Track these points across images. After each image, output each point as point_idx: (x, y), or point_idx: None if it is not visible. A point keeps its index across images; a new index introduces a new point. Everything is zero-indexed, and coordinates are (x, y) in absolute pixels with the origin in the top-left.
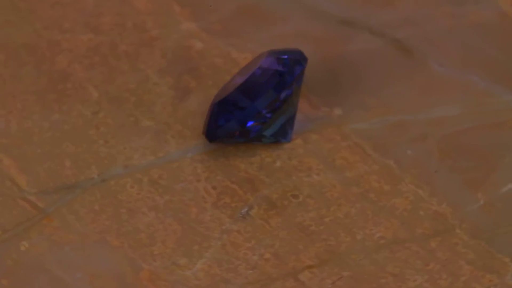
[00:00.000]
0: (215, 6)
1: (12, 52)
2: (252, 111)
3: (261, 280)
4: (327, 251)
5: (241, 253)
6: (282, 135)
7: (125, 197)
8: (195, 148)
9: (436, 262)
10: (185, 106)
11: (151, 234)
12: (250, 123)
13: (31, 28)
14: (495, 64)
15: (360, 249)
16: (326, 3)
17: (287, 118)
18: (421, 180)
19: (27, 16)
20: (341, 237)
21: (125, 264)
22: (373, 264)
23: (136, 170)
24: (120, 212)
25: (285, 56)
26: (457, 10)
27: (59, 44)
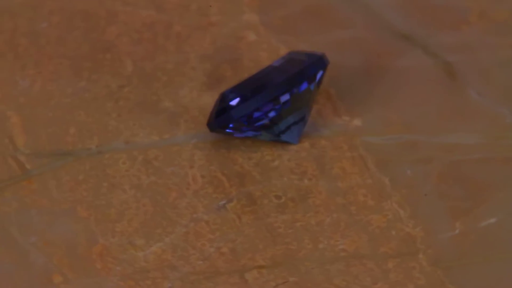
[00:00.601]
0: (285, 2)
1: (68, 16)
2: (250, 105)
3: (206, 272)
4: (284, 255)
5: (199, 243)
6: (288, 135)
7: (113, 171)
8: (202, 135)
9: (385, 282)
10: (212, 94)
11: (122, 211)
12: (246, 118)
13: None
14: None
15: (317, 258)
16: (394, 16)
17: (296, 119)
18: (407, 201)
19: None
20: (304, 243)
21: (83, 236)
22: (323, 274)
23: (135, 148)
24: (101, 185)
25: (301, 57)
26: None
27: (117, 15)
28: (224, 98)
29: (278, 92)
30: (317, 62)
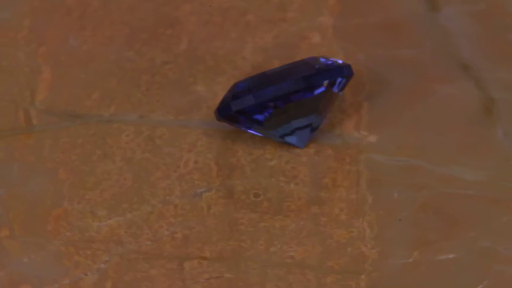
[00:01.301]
0: (367, 12)
1: None
2: (251, 100)
3: (149, 254)
4: (232, 250)
5: (157, 225)
6: (293, 139)
7: (112, 141)
8: (216, 123)
9: None
10: None
11: (100, 181)
12: (246, 112)
13: None
14: None
15: (262, 260)
16: (465, 44)
17: (300, 125)
18: (379, 222)
19: None
20: (258, 244)
21: (50, 197)
22: (259, 276)
23: (145, 123)
24: (94, 152)
25: (322, 63)
26: None
27: None
28: (231, 89)
29: (283, 92)
30: (335, 70)
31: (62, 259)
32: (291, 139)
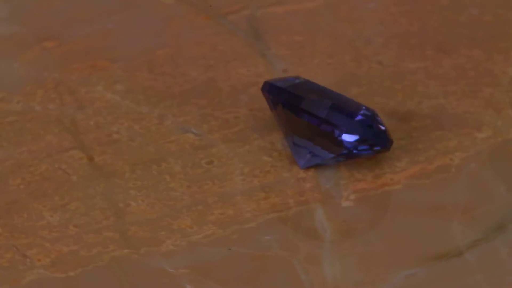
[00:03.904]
0: None
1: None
2: (287, 94)
3: (76, 134)
4: (113, 171)
5: (124, 126)
6: (296, 155)
7: (218, 53)
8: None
9: (82, 245)
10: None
11: (164, 75)
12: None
13: None
14: None
15: (107, 190)
16: None
17: (299, 143)
18: (217, 238)
19: None
20: (133, 183)
21: (124, 50)
22: (82, 198)
23: (263, 68)
24: (206, 55)
25: (363, 113)
26: None
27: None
28: (297, 76)
29: (313, 109)
30: (361, 129)
31: (32, 83)
32: (295, 154)
